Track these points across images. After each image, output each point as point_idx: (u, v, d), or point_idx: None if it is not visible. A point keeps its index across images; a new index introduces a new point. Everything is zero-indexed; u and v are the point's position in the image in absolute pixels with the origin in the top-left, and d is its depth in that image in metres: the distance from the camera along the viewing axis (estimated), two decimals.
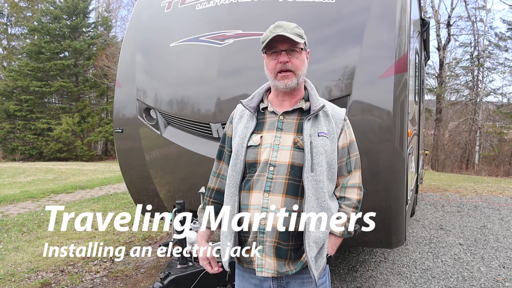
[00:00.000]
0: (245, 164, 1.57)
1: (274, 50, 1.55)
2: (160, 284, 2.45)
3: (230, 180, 1.58)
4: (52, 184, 10.19)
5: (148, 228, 5.51)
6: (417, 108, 4.63)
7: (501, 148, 18.49)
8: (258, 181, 1.52)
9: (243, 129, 1.60)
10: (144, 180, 3.66)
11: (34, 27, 24.54)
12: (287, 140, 1.53)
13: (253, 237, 1.52)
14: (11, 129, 23.65)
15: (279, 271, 1.51)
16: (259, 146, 1.55)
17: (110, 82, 21.85)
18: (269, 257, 1.50)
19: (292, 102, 1.61)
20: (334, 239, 1.60)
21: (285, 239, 1.49)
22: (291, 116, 1.58)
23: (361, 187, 1.65)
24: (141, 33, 3.69)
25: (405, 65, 2.69)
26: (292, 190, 1.50)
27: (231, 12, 3.13)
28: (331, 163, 1.55)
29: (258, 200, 1.51)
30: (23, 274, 3.87)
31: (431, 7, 19.85)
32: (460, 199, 7.72)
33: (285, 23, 1.55)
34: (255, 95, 1.68)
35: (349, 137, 1.64)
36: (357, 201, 1.62)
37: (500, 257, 4.31)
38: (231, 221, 1.55)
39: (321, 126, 1.55)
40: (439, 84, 20.24)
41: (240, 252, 1.58)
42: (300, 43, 1.55)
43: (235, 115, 1.71)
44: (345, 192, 1.62)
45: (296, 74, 1.55)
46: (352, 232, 1.61)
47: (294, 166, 1.51)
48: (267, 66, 1.59)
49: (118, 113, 3.77)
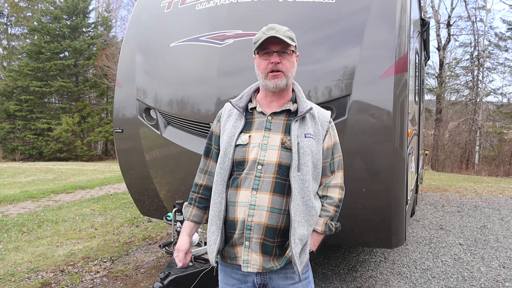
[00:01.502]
0: (233, 162, 1.61)
1: (266, 51, 1.60)
2: (160, 284, 2.45)
3: (218, 177, 1.61)
4: (52, 184, 10.19)
5: (148, 228, 5.52)
6: (417, 108, 4.63)
7: (501, 148, 18.49)
8: (246, 179, 1.56)
9: (231, 128, 1.64)
10: (144, 180, 3.66)
11: (34, 27, 24.54)
12: (275, 140, 1.58)
13: (239, 233, 1.56)
14: (11, 129, 23.65)
15: (264, 266, 1.56)
16: (247, 145, 1.59)
17: (110, 82, 21.86)
18: (255, 253, 1.55)
19: (280, 103, 1.66)
20: (317, 236, 1.67)
21: (271, 236, 1.54)
22: (279, 117, 1.63)
23: (342, 187, 1.71)
24: (141, 33, 3.69)
25: (405, 65, 2.69)
26: (279, 188, 1.55)
27: (231, 12, 3.13)
28: (316, 163, 1.61)
29: (246, 198, 1.55)
30: (23, 274, 3.87)
31: (431, 7, 19.87)
32: (460, 199, 7.73)
33: (277, 25, 1.61)
34: (244, 95, 1.73)
35: (334, 139, 1.70)
36: (339, 200, 1.69)
37: (500, 257, 4.32)
38: (218, 217, 1.59)
39: (307, 127, 1.60)
40: (439, 84, 20.25)
41: (224, 248, 1.62)
42: (291, 46, 1.60)
43: (223, 113, 1.74)
44: (327, 191, 1.68)
45: (286, 75, 1.60)
46: (333, 229, 1.68)
47: (281, 165, 1.56)
48: (258, 66, 1.64)
49: (118, 113, 3.77)
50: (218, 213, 1.59)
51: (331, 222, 1.68)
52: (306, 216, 1.56)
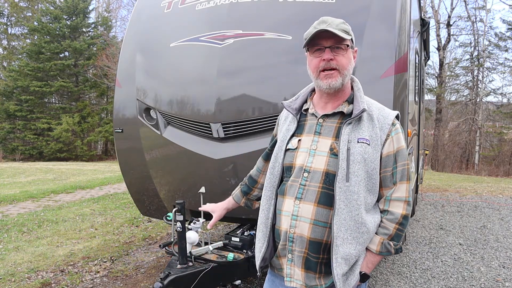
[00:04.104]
0: (283, 168, 1.51)
1: (318, 47, 1.43)
2: (160, 284, 2.45)
3: (268, 183, 1.54)
4: (52, 184, 10.19)
5: (148, 228, 5.52)
6: (417, 108, 4.63)
7: (501, 148, 18.50)
8: (292, 186, 1.45)
9: (284, 131, 1.54)
10: (144, 180, 3.66)
11: (34, 27, 24.53)
12: (325, 145, 1.44)
13: (282, 244, 1.46)
14: (11, 129, 23.64)
15: (308, 283, 1.43)
16: (296, 150, 1.48)
17: (110, 82, 21.85)
18: (297, 267, 1.43)
19: (335, 104, 1.49)
20: (371, 257, 1.44)
21: (315, 251, 1.40)
22: (331, 119, 1.48)
23: (408, 201, 1.45)
24: (141, 33, 3.69)
25: (405, 65, 2.69)
26: (325, 199, 1.40)
27: (231, 12, 3.13)
28: (371, 173, 1.41)
29: (289, 207, 1.43)
30: (23, 274, 3.87)
31: (431, 7, 19.88)
32: (460, 199, 7.72)
33: (330, 18, 1.44)
34: (300, 96, 1.60)
35: (397, 145, 1.45)
36: (402, 217, 1.43)
37: (500, 257, 4.31)
38: (265, 224, 1.51)
39: (362, 131, 1.41)
40: (439, 84, 20.26)
41: (271, 257, 1.53)
42: (346, 40, 1.43)
43: (281, 116, 1.65)
44: (388, 205, 1.45)
45: (341, 73, 1.43)
46: (392, 251, 1.43)
47: (329, 173, 1.40)
48: (309, 65, 1.48)
49: (118, 113, 3.77)
50: (265, 220, 1.51)
51: (389, 242, 1.42)
52: (353, 232, 1.37)
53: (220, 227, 5.58)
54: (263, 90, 2.95)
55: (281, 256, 1.49)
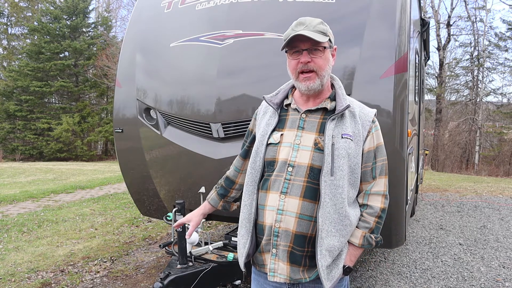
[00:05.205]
0: (264, 163, 1.51)
1: (296, 49, 1.46)
2: (160, 284, 2.45)
3: (249, 178, 1.53)
4: (52, 184, 10.19)
5: (148, 228, 5.52)
6: (417, 108, 4.62)
7: (501, 148, 18.51)
8: (276, 181, 1.46)
9: (264, 126, 1.54)
10: (144, 180, 3.66)
11: (34, 27, 24.54)
12: (308, 140, 1.46)
13: (266, 239, 1.46)
14: (11, 129, 23.65)
15: (292, 277, 1.44)
16: (278, 144, 1.48)
17: (110, 82, 21.86)
18: (282, 261, 1.44)
19: (317, 101, 1.53)
20: (353, 250, 1.49)
21: (300, 245, 1.42)
22: (314, 115, 1.50)
23: (386, 195, 1.53)
24: (141, 33, 3.69)
25: (405, 65, 2.69)
26: (310, 193, 1.42)
27: (231, 12, 3.13)
28: (354, 168, 1.45)
29: (274, 202, 1.44)
30: (23, 274, 3.87)
31: (431, 7, 19.87)
32: (460, 199, 7.72)
33: (308, 19, 1.46)
34: (280, 91, 1.61)
35: (377, 141, 1.52)
36: (381, 210, 1.50)
37: (500, 257, 4.31)
38: (248, 220, 1.50)
39: (345, 127, 1.45)
40: (439, 84, 20.25)
41: (253, 254, 1.53)
42: (323, 42, 1.44)
43: (259, 110, 1.66)
44: (368, 199, 1.51)
45: (319, 75, 1.46)
46: (374, 243, 1.49)
47: (313, 168, 1.43)
48: (289, 66, 1.51)
49: (118, 113, 3.77)
50: (248, 216, 1.50)
51: (370, 235, 1.48)
52: (337, 225, 1.41)
53: (220, 227, 5.59)
54: (263, 90, 2.92)
55: (264, 252, 1.49)
